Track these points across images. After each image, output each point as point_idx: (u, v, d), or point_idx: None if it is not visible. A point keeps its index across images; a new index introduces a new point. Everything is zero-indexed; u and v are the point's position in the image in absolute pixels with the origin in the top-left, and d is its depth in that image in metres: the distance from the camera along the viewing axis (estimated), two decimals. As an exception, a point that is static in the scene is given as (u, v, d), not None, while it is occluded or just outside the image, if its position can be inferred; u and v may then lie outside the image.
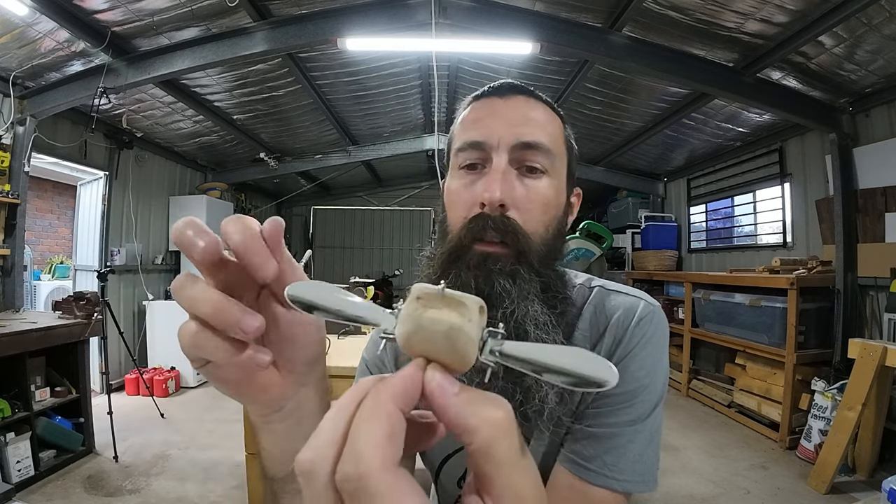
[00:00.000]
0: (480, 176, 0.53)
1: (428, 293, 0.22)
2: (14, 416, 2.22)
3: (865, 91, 2.91)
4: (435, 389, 0.20)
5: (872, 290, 2.94)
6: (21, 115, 2.98)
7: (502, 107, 0.55)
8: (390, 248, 7.16)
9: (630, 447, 0.51)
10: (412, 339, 0.22)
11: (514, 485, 0.20)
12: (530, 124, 0.53)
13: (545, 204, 0.53)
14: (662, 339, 0.56)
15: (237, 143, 4.69)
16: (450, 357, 0.21)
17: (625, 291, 0.60)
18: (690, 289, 4.02)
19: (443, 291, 0.22)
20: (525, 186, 0.52)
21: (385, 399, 0.20)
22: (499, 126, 0.53)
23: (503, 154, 0.52)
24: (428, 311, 0.22)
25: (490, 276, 0.49)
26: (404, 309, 0.23)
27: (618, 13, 2.60)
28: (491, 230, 0.49)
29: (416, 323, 0.22)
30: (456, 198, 0.54)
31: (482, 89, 0.59)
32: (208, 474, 2.48)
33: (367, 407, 0.20)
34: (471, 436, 0.20)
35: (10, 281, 2.99)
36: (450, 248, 0.52)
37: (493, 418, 0.20)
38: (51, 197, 5.95)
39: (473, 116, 0.56)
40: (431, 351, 0.21)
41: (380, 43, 2.90)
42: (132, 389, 3.80)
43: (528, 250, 0.50)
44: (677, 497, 2.35)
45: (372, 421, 0.19)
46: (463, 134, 0.56)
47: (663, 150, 4.74)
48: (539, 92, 0.59)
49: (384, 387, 0.20)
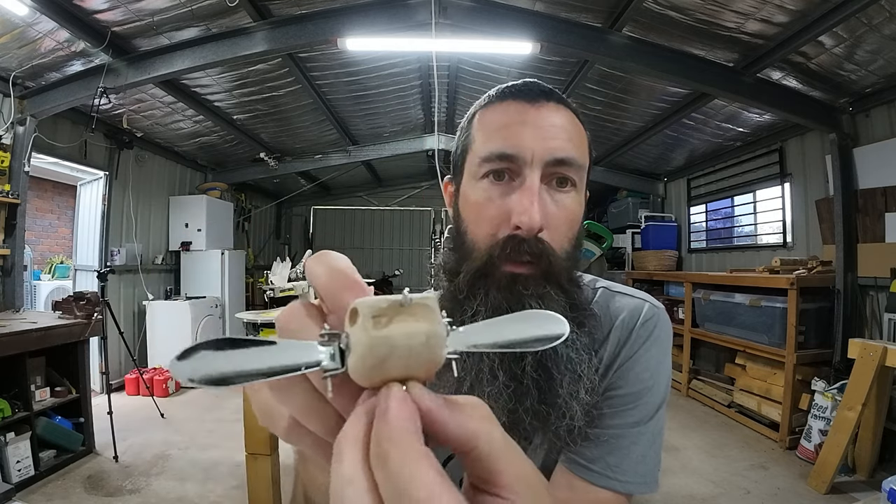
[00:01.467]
0: (509, 189, 0.50)
1: (384, 308, 0.19)
2: (14, 416, 2.22)
3: (865, 91, 2.91)
4: (432, 410, 0.18)
5: (872, 290, 2.94)
6: (21, 115, 2.98)
7: (534, 115, 0.51)
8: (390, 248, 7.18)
9: (633, 449, 0.51)
10: (385, 363, 0.19)
11: (518, 468, 0.20)
12: (562, 137, 0.51)
13: (573, 220, 0.52)
14: (666, 341, 0.56)
15: (237, 143, 4.69)
16: (426, 368, 0.19)
17: (629, 293, 0.60)
18: (690, 289, 4.02)
19: (410, 300, 0.20)
20: (555, 203, 0.51)
21: (411, 443, 0.17)
22: (531, 138, 0.50)
23: (536, 170, 0.49)
24: (392, 326, 0.19)
25: (521, 298, 0.48)
26: (358, 333, 0.19)
27: (618, 13, 2.60)
28: (526, 253, 0.48)
29: (388, 344, 0.19)
30: (482, 212, 0.51)
31: (504, 87, 0.55)
32: (208, 474, 2.48)
33: (398, 461, 0.16)
34: (475, 440, 0.19)
35: (10, 281, 2.99)
36: (477, 267, 0.50)
37: (482, 415, 0.20)
38: (51, 197, 5.95)
39: (500, 121, 0.52)
40: (408, 368, 0.19)
41: (380, 43, 2.90)
42: (132, 389, 3.80)
43: (556, 270, 0.49)
44: (677, 497, 2.35)
45: (418, 473, 0.16)
46: (489, 141, 0.52)
47: (663, 150, 4.74)
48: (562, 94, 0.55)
49: (397, 430, 0.17)
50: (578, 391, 0.49)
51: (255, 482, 1.38)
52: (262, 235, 6.86)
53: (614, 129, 4.35)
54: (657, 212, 5.50)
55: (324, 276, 0.22)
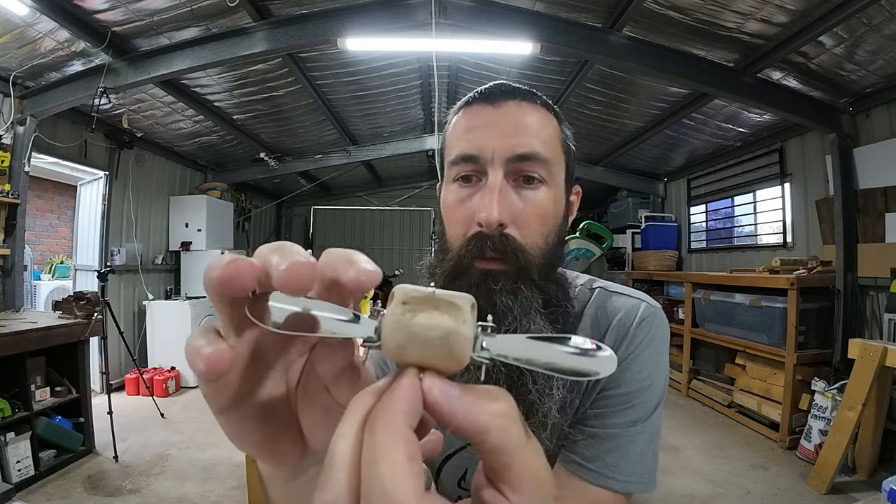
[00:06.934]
0: (476, 190, 0.52)
1: (415, 296, 0.21)
2: (14, 415, 2.22)
3: (865, 91, 2.91)
4: (439, 398, 0.19)
5: (872, 291, 2.94)
6: (21, 115, 2.98)
7: (494, 115, 0.52)
8: (390, 248, 7.17)
9: (631, 448, 0.51)
10: (404, 348, 0.20)
11: (529, 467, 0.20)
12: (524, 133, 0.51)
13: (543, 216, 0.52)
14: (663, 340, 0.57)
15: (237, 143, 4.69)
16: (446, 362, 0.20)
17: (626, 293, 0.60)
18: (690, 289, 4.02)
19: (434, 293, 0.21)
20: (522, 199, 0.51)
21: (396, 422, 0.18)
22: (492, 138, 0.51)
23: (498, 168, 0.50)
24: (418, 316, 0.20)
25: (491, 294, 0.49)
26: (388, 314, 0.21)
27: (618, 13, 2.60)
28: (489, 249, 0.49)
29: (407, 330, 0.20)
30: (453, 213, 0.53)
31: (472, 94, 0.56)
32: (208, 474, 2.48)
33: (380, 435, 0.18)
34: (484, 434, 0.19)
35: (10, 281, 2.99)
36: (450, 267, 0.52)
37: (499, 410, 0.20)
38: (51, 197, 5.94)
39: (464, 125, 0.54)
40: (426, 357, 0.20)
41: (380, 43, 2.90)
42: (132, 389, 3.80)
43: (528, 266, 0.50)
44: (677, 497, 2.35)
45: (390, 449, 0.17)
46: (455, 145, 0.54)
47: (663, 150, 4.74)
48: (535, 91, 0.57)
49: (390, 407, 0.19)
50: (551, 388, 0.50)
51: (254, 482, 1.38)
52: (262, 235, 6.86)
53: (614, 129, 4.35)
54: (657, 212, 5.50)
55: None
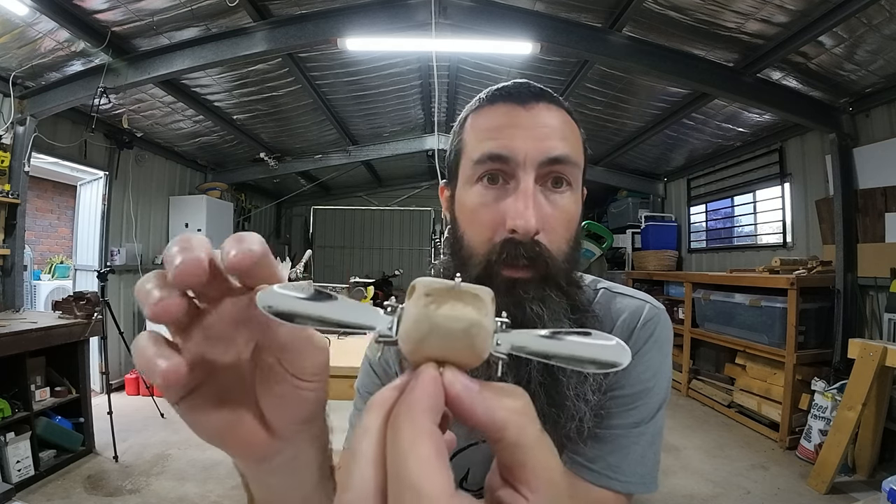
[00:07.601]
0: (503, 193, 0.50)
1: (438, 288, 0.20)
2: (14, 415, 2.22)
3: (865, 91, 2.91)
4: (461, 392, 0.19)
5: (872, 290, 2.94)
6: (21, 115, 2.97)
7: (525, 117, 0.51)
8: (390, 248, 7.16)
9: (633, 449, 0.51)
10: (425, 341, 0.20)
11: (544, 465, 0.20)
12: (555, 136, 0.50)
13: (569, 220, 0.51)
14: (667, 342, 0.57)
15: (237, 143, 4.69)
16: (467, 355, 0.20)
17: (630, 294, 0.60)
18: (690, 289, 4.02)
19: (459, 285, 0.21)
20: (551, 204, 0.50)
21: (421, 418, 0.18)
22: (523, 139, 0.49)
23: (530, 171, 0.49)
24: (441, 307, 0.20)
25: (522, 302, 0.48)
26: (410, 307, 0.20)
27: (618, 13, 2.60)
28: (522, 257, 0.48)
29: (429, 322, 0.20)
30: (477, 216, 0.51)
31: (494, 90, 0.54)
32: (208, 474, 2.48)
33: (406, 430, 0.18)
34: (501, 430, 0.20)
35: (10, 281, 2.98)
36: (478, 273, 0.50)
37: (518, 407, 0.20)
38: (51, 197, 5.94)
39: (490, 124, 0.52)
40: (447, 350, 0.20)
41: (380, 43, 2.90)
42: (132, 389, 3.80)
43: (556, 273, 0.49)
44: (677, 497, 2.35)
45: (418, 445, 0.17)
46: (481, 144, 0.51)
47: (663, 150, 4.74)
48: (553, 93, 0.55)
49: (414, 402, 0.19)
50: (585, 392, 0.49)
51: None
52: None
53: (614, 129, 4.35)
54: (657, 212, 5.50)
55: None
